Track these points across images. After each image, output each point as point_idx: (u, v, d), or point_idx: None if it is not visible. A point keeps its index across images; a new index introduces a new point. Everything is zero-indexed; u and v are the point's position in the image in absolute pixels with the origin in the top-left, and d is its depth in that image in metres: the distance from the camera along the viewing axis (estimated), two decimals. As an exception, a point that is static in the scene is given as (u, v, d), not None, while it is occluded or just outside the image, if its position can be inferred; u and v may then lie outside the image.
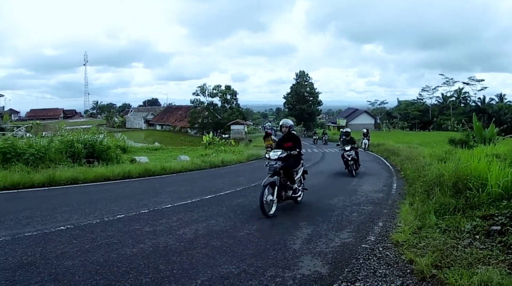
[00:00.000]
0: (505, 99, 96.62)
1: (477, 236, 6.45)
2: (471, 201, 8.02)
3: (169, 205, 9.86)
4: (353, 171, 17.91)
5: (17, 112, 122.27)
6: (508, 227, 6.31)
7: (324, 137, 57.25)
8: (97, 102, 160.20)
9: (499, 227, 6.42)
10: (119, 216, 8.50)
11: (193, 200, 10.63)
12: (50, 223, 7.60)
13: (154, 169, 17.09)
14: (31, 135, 26.31)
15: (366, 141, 38.07)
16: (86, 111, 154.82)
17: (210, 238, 7.04)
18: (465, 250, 5.82)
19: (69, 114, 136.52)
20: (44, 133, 27.74)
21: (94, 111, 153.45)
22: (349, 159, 18.07)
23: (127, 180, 14.90)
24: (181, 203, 10.24)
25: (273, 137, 26.42)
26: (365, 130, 36.03)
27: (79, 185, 12.94)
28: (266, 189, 8.93)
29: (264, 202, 8.79)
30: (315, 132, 77.07)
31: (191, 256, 6.05)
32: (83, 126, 50.64)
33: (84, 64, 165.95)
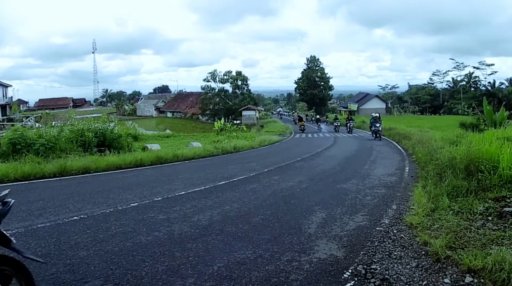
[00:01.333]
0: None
1: (490, 218, 6.48)
2: (483, 183, 8.01)
3: (183, 192, 9.81)
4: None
5: (26, 102, 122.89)
6: (519, 209, 6.29)
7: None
8: (107, 90, 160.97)
9: (511, 209, 6.43)
10: (132, 204, 8.47)
11: (207, 187, 10.59)
12: (63, 214, 7.58)
13: (166, 156, 17.05)
14: (40, 125, 26.44)
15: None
16: (95, 100, 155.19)
17: (225, 224, 7.00)
18: (478, 232, 5.86)
19: (79, 103, 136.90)
20: (53, 122, 27.76)
21: (104, 99, 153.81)
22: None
23: (139, 168, 14.87)
24: (195, 190, 10.19)
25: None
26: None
27: (91, 174, 12.94)
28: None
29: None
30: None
31: (207, 242, 6.01)
32: (93, 115, 50.75)
33: (92, 52, 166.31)
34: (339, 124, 47.49)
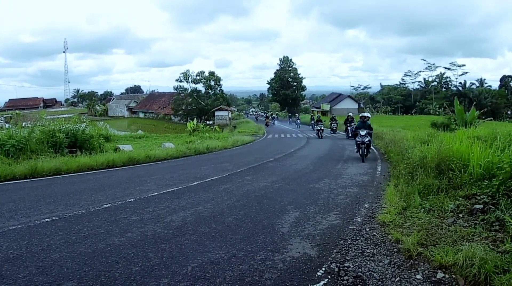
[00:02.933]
0: (485, 83, 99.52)
1: (461, 215, 6.64)
2: (454, 181, 8.25)
3: (156, 193, 9.78)
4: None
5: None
6: (489, 206, 6.47)
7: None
8: (78, 90, 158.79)
9: (481, 206, 6.60)
10: (105, 205, 8.40)
11: (180, 187, 10.57)
12: (34, 216, 7.47)
13: (139, 157, 16.95)
14: (10, 126, 25.98)
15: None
16: (67, 100, 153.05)
17: (199, 225, 7.00)
18: (449, 229, 6.00)
19: (49, 103, 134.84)
20: (24, 123, 27.37)
21: (75, 99, 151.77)
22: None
23: (112, 169, 14.74)
24: (168, 190, 10.17)
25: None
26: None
27: (62, 175, 12.76)
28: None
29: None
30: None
31: (180, 243, 6.01)
32: (64, 115, 50.08)
33: (64, 51, 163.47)
34: (322, 128, 36.19)
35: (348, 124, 33.88)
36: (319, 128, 35.80)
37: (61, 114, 64.09)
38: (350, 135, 31.37)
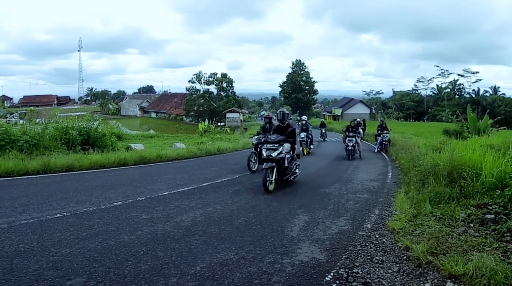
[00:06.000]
0: (499, 91, 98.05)
1: (472, 224, 6.59)
2: (466, 190, 8.16)
3: (166, 193, 9.82)
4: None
5: (10, 99, 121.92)
6: (501, 216, 6.43)
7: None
8: (92, 89, 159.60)
9: (492, 216, 6.55)
10: (116, 203, 8.45)
11: (190, 188, 10.61)
12: (46, 211, 7.54)
13: (150, 156, 17.00)
14: (25, 122, 26.15)
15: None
16: (80, 98, 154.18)
17: (208, 225, 7.02)
18: (460, 238, 5.95)
19: (63, 101, 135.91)
20: (38, 120, 27.51)
21: (88, 98, 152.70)
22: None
23: (123, 167, 14.81)
24: (178, 190, 10.20)
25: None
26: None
27: (74, 172, 12.84)
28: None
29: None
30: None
31: (190, 243, 6.02)
32: (78, 113, 50.36)
33: (78, 50, 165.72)
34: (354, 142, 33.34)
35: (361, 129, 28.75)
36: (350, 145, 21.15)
37: (74, 112, 64.53)
38: (378, 148, 25.66)
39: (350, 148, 20.54)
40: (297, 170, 12.08)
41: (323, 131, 38.05)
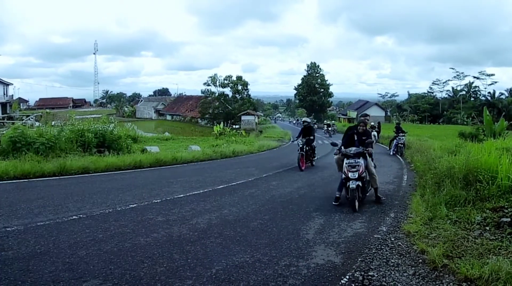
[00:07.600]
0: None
1: (487, 228, 6.55)
2: (481, 193, 8.07)
3: (181, 195, 9.84)
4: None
5: (26, 101, 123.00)
6: (517, 219, 6.34)
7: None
8: (107, 91, 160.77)
9: (508, 219, 6.50)
10: (131, 205, 8.48)
11: (205, 190, 10.62)
12: (62, 213, 7.59)
13: (165, 159, 17.07)
14: (41, 124, 26.41)
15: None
16: (95, 101, 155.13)
17: (224, 228, 7.02)
18: (476, 241, 5.93)
19: (79, 103, 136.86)
20: (54, 122, 27.83)
21: (104, 100, 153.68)
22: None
23: (138, 170, 14.88)
24: (193, 193, 10.22)
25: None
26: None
27: (90, 174, 12.93)
28: None
29: None
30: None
31: (205, 245, 6.03)
32: (93, 116, 50.83)
33: (94, 53, 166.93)
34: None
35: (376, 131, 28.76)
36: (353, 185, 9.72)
37: (90, 114, 65.12)
38: (394, 150, 24.83)
39: (352, 186, 8.83)
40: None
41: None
